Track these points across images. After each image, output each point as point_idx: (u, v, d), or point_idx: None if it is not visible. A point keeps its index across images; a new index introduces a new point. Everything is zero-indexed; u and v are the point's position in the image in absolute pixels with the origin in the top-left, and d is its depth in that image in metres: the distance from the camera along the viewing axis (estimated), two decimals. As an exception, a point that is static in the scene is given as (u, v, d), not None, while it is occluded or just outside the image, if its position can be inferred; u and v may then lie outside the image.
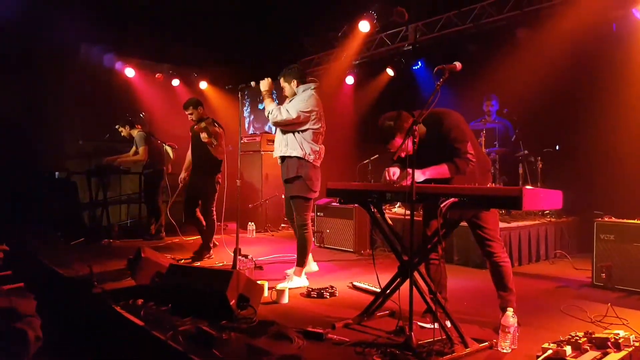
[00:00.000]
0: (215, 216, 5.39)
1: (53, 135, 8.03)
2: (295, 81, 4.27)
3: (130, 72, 9.06)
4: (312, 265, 4.63)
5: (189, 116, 5.42)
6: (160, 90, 9.47)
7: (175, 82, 9.75)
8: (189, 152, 5.64)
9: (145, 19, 8.03)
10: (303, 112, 4.06)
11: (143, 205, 7.45)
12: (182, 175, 5.66)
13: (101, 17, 7.47)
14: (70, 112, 8.20)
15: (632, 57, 5.54)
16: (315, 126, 4.15)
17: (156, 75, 9.37)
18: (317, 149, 4.18)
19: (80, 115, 8.30)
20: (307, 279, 4.30)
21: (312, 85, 4.27)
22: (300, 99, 4.15)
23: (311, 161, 4.12)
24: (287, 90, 4.34)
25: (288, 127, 4.15)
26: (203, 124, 5.18)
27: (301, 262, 4.28)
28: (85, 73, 8.20)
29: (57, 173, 7.19)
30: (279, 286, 4.06)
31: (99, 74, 8.51)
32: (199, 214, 5.40)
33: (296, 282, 4.21)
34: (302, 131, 4.13)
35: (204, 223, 5.37)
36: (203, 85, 9.95)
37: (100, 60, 8.63)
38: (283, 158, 4.23)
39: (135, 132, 6.79)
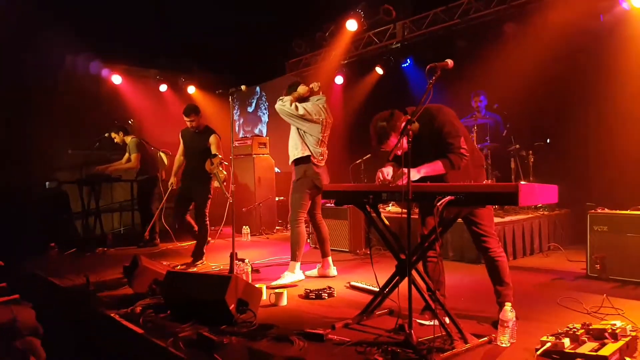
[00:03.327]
0: (208, 221, 5.36)
1: (42, 146, 7.95)
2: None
3: (117, 79, 9.01)
4: (332, 270, 4.66)
5: (190, 122, 5.28)
6: (149, 96, 9.43)
7: (163, 88, 9.71)
8: (178, 156, 5.53)
9: (131, 25, 8.00)
10: (307, 110, 4.36)
11: (136, 213, 7.39)
12: (172, 179, 5.56)
13: (86, 26, 7.43)
14: (59, 122, 8.12)
15: (620, 48, 5.55)
16: (316, 130, 4.40)
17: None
18: (320, 151, 4.46)
19: (69, 124, 8.23)
20: (304, 274, 4.47)
21: (321, 97, 4.57)
22: (309, 103, 4.45)
23: (316, 162, 4.41)
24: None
25: (290, 118, 4.39)
26: (215, 170, 5.04)
27: (294, 257, 4.41)
28: (71, 82, 8.15)
29: (47, 183, 7.13)
30: (273, 284, 4.24)
31: (86, 83, 8.47)
32: (189, 218, 5.40)
33: (289, 277, 4.33)
34: (308, 135, 4.40)
35: (195, 226, 5.36)
36: (191, 90, 9.92)
37: (86, 68, 8.59)
38: (297, 161, 4.45)
39: (129, 139, 6.74)
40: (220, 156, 5.11)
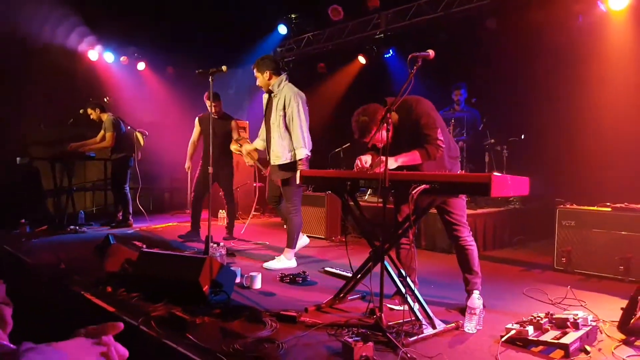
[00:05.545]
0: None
1: (13, 120, 7.71)
2: (268, 72, 4.32)
3: (94, 55, 8.79)
4: (304, 239, 4.74)
5: (214, 107, 5.26)
6: (126, 74, 9.22)
7: (141, 66, 9.51)
8: (193, 141, 5.79)
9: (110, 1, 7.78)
10: (302, 113, 4.24)
11: (109, 193, 7.27)
12: (188, 163, 5.84)
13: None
14: (31, 96, 7.87)
15: (597, 48, 5.71)
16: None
17: (121, 59, 9.13)
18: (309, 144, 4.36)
19: (42, 99, 7.99)
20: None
21: (284, 77, 4.36)
22: (293, 106, 4.21)
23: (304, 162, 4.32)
24: (260, 80, 4.38)
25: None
26: (244, 151, 5.00)
27: (292, 244, 4.42)
28: (47, 57, 7.88)
29: (18, 159, 6.94)
30: (266, 265, 4.29)
31: (62, 58, 8.20)
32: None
33: (284, 262, 4.36)
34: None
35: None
36: (170, 69, 9.75)
37: (63, 43, 8.33)
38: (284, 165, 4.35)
39: (105, 116, 6.58)
40: (245, 137, 5.44)
